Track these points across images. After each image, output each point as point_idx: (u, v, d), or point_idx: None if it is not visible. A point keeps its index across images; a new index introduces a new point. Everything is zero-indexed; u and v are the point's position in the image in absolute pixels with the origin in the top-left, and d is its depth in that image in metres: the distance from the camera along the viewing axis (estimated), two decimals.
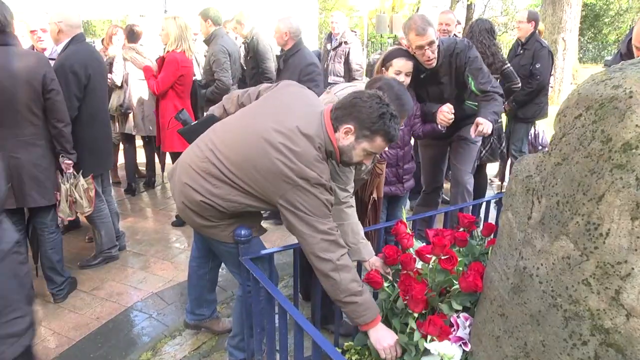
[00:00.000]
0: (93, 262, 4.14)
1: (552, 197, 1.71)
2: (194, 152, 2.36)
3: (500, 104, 3.26)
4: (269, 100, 2.36)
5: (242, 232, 2.27)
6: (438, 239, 2.06)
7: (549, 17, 11.49)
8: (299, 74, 4.30)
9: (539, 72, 5.10)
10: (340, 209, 2.50)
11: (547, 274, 1.72)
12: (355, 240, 2.52)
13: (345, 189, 2.54)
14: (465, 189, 3.73)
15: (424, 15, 3.34)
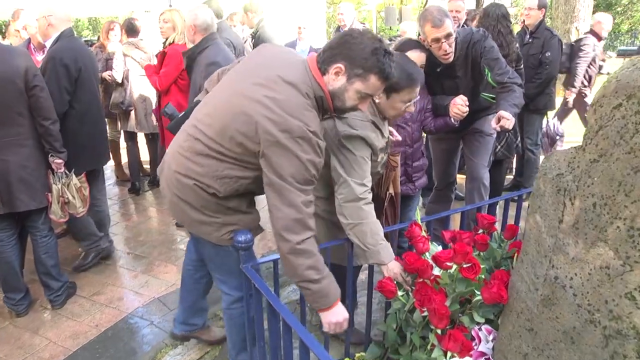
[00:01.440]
0: (85, 262, 3.97)
1: (587, 199, 1.51)
2: (179, 137, 2.20)
3: (520, 95, 3.05)
4: (245, 64, 2.17)
5: (242, 237, 2.08)
6: (459, 245, 1.87)
7: (562, 5, 11.19)
8: (202, 75, 3.69)
9: (548, 62, 4.88)
10: (357, 206, 2.29)
11: (583, 285, 1.53)
12: (374, 241, 2.27)
13: (362, 183, 2.31)
14: (482, 184, 3.52)
15: (440, 6, 3.13)
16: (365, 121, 2.36)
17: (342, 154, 2.32)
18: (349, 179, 2.29)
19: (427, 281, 2.02)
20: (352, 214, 2.28)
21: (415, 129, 3.10)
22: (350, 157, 2.31)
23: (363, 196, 2.30)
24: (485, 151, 3.53)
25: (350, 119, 2.32)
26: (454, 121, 3.08)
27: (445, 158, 3.76)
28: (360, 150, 2.31)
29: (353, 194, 2.28)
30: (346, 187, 2.29)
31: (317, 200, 2.50)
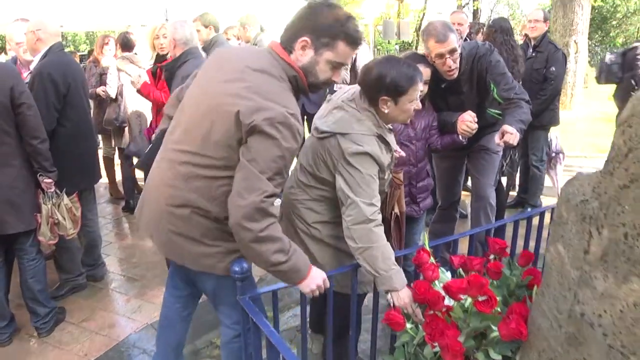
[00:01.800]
0: (58, 293, 3.77)
1: (617, 228, 1.38)
2: (159, 171, 2.05)
3: (527, 111, 2.93)
4: (207, 71, 2.05)
5: (237, 267, 1.92)
6: (474, 277, 1.73)
7: (560, 19, 11.14)
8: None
9: (553, 77, 4.75)
10: (367, 228, 2.14)
11: (614, 324, 1.39)
12: (386, 266, 2.12)
13: (371, 202, 2.17)
14: (488, 204, 3.39)
15: (445, 20, 3.03)
16: (371, 135, 2.22)
17: (348, 173, 2.17)
18: (357, 199, 2.14)
19: (438, 313, 1.87)
20: (361, 237, 2.14)
21: (419, 147, 2.97)
22: (357, 176, 2.16)
23: (373, 217, 2.16)
24: (492, 169, 3.40)
25: (354, 135, 2.19)
26: (461, 138, 2.95)
27: (449, 176, 3.63)
28: (368, 167, 2.17)
29: (362, 216, 2.14)
30: (354, 209, 2.15)
31: (322, 225, 2.37)
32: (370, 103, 2.27)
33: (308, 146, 2.41)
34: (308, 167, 2.36)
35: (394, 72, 2.21)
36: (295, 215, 2.43)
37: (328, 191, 2.31)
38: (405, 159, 2.88)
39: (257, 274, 4.10)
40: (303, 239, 2.41)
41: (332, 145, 2.21)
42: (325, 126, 2.26)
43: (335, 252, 2.40)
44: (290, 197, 2.46)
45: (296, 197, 2.41)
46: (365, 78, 2.28)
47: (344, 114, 2.26)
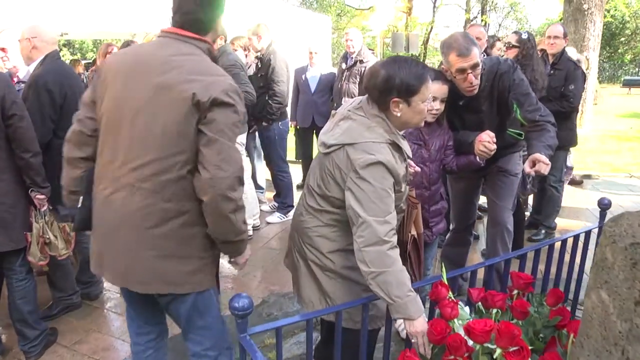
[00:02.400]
0: (50, 313, 3.59)
1: None
2: (114, 205, 1.95)
3: (554, 135, 2.73)
4: (115, 82, 1.96)
5: (238, 304, 1.72)
6: (505, 325, 1.54)
7: (571, 34, 10.92)
8: None
9: (572, 95, 4.55)
10: (381, 251, 1.92)
11: None
12: (402, 292, 1.91)
13: (385, 220, 1.94)
14: (505, 229, 3.19)
15: (467, 32, 2.83)
16: (383, 143, 2.01)
17: (358, 188, 1.95)
18: (369, 218, 1.92)
19: (459, 359, 1.68)
20: (374, 260, 1.92)
21: (433, 169, 2.78)
22: (369, 190, 1.94)
23: (387, 238, 1.94)
24: (510, 193, 3.20)
25: (364, 144, 1.98)
26: (479, 160, 2.77)
27: (465, 198, 3.44)
28: (381, 180, 1.95)
29: (375, 236, 1.92)
30: (366, 229, 1.93)
31: (337, 255, 2.16)
32: (380, 108, 2.07)
33: (315, 165, 2.21)
34: (317, 188, 2.16)
35: (402, 71, 2.03)
36: (306, 246, 2.22)
37: (340, 214, 2.10)
38: (418, 181, 2.70)
39: (259, 296, 3.93)
40: (314, 271, 2.21)
41: (341, 158, 2.01)
42: (333, 139, 2.06)
43: (350, 285, 2.18)
44: (300, 225, 2.25)
45: (307, 225, 2.21)
46: (372, 81, 2.07)
47: (352, 123, 2.06)
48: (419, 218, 2.44)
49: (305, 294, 2.25)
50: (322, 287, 2.18)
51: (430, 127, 2.77)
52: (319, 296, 2.20)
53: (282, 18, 10.14)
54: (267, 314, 3.65)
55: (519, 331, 1.55)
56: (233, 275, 4.17)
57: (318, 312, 2.05)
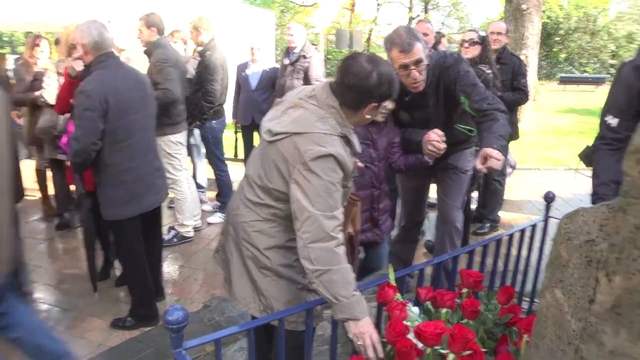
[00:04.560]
0: None
1: (633, 276, 1.14)
2: None
3: (505, 123, 2.66)
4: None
5: (172, 317, 1.56)
6: (459, 329, 1.46)
7: (511, 33, 11.18)
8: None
9: (524, 87, 4.72)
10: (328, 248, 1.82)
11: None
12: (347, 292, 1.82)
13: (333, 215, 1.85)
14: (454, 228, 3.15)
15: (410, 27, 2.73)
16: (335, 135, 1.91)
17: (306, 180, 1.84)
18: (316, 212, 1.82)
19: None
20: (320, 257, 1.81)
21: (382, 168, 2.70)
22: (317, 184, 1.83)
23: (334, 234, 1.85)
24: (460, 191, 3.16)
25: (315, 135, 1.86)
26: (427, 159, 2.70)
27: (415, 196, 3.38)
28: (330, 173, 1.85)
29: (322, 232, 1.82)
30: (312, 224, 1.82)
31: (274, 252, 2.04)
32: (354, 107, 1.96)
33: (256, 155, 2.09)
34: (257, 180, 2.03)
35: (391, 76, 1.94)
36: (243, 242, 2.10)
37: (281, 209, 1.99)
38: (367, 181, 2.62)
39: (200, 300, 3.77)
40: (249, 267, 2.09)
41: (288, 148, 1.89)
42: (280, 127, 1.93)
43: (286, 284, 2.08)
44: (236, 220, 2.13)
45: (244, 219, 2.08)
46: (361, 83, 1.91)
47: (303, 112, 1.94)
48: (357, 216, 2.36)
49: (238, 292, 2.14)
50: (257, 285, 2.08)
51: (378, 126, 2.69)
52: (253, 294, 2.10)
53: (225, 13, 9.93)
54: (209, 319, 3.49)
55: (472, 335, 1.48)
56: (173, 280, 3.98)
57: (259, 321, 1.92)
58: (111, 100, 3.03)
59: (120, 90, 3.10)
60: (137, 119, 3.20)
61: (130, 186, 3.19)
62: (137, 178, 3.22)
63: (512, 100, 4.66)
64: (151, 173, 3.33)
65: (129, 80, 3.23)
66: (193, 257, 4.55)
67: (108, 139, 3.07)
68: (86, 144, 3.00)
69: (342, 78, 1.94)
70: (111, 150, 3.11)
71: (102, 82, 3.06)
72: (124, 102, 3.12)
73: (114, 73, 3.16)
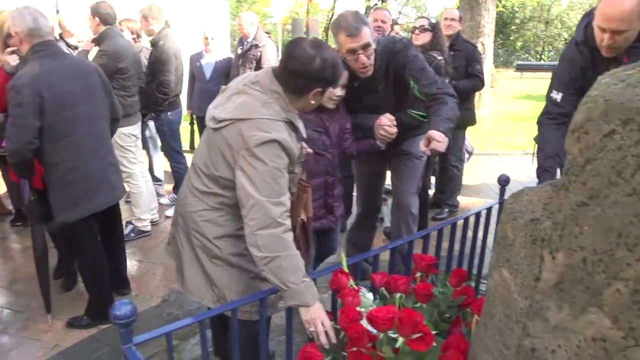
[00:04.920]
0: None
1: (575, 253, 1.16)
2: None
3: (454, 106, 2.67)
4: None
5: (120, 312, 1.52)
6: (407, 312, 1.46)
7: (468, 21, 11.37)
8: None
9: (479, 72, 4.77)
10: (275, 234, 1.82)
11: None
12: (297, 278, 1.83)
13: (280, 201, 1.85)
14: (410, 213, 3.17)
15: (357, 11, 2.72)
16: (279, 121, 1.90)
17: (251, 167, 1.83)
18: (262, 198, 1.81)
19: (363, 350, 1.60)
20: (267, 244, 1.82)
21: (335, 154, 2.69)
22: (263, 170, 1.83)
23: (282, 220, 1.85)
24: (414, 177, 3.17)
25: (259, 121, 1.85)
26: (380, 144, 2.70)
27: (370, 182, 3.37)
28: (275, 159, 1.85)
29: (269, 218, 1.82)
30: (259, 210, 1.82)
31: (223, 241, 2.02)
32: (298, 93, 1.95)
33: (202, 143, 2.07)
34: (204, 168, 2.01)
35: (335, 61, 1.94)
36: (193, 232, 2.08)
37: (228, 197, 1.97)
38: (322, 169, 2.61)
39: (159, 295, 3.70)
40: (200, 257, 2.07)
41: (232, 135, 1.87)
42: (225, 114, 1.92)
43: (238, 273, 2.07)
44: (184, 209, 2.10)
45: (192, 209, 2.06)
46: (304, 68, 1.90)
47: (247, 98, 1.93)
48: (308, 202, 2.35)
49: (191, 283, 2.13)
50: (209, 275, 2.06)
51: (329, 113, 2.67)
52: (205, 284, 2.09)
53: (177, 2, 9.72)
54: (167, 313, 3.43)
55: (421, 317, 1.48)
56: (131, 275, 3.89)
57: (212, 312, 1.90)
58: (46, 94, 2.79)
59: (57, 83, 2.86)
60: (80, 113, 2.96)
61: (80, 185, 2.99)
62: (86, 176, 3.01)
63: (468, 87, 4.71)
64: (103, 169, 3.13)
65: (68, 71, 2.97)
66: (151, 252, 4.46)
67: (47, 136, 2.83)
68: (20, 143, 2.75)
69: (285, 63, 1.93)
70: (53, 149, 2.89)
71: (34, 75, 2.80)
72: (62, 95, 2.87)
73: (50, 64, 2.90)
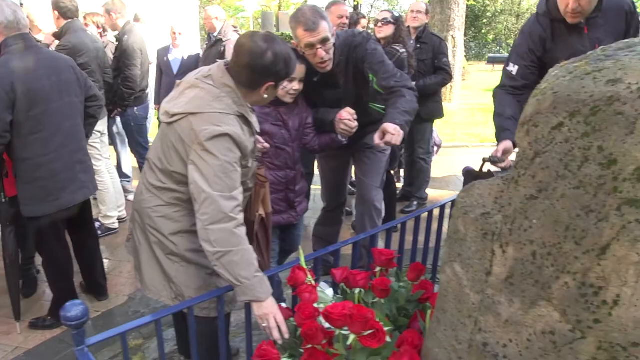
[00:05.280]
0: None
1: (524, 246, 1.16)
2: None
3: (412, 99, 2.64)
4: None
5: (72, 312, 1.48)
6: (358, 309, 1.44)
7: (438, 15, 11.48)
8: None
9: (448, 66, 4.76)
10: (227, 229, 1.80)
11: (521, 354, 1.19)
12: (249, 273, 1.81)
13: (232, 195, 1.82)
14: (373, 207, 3.14)
15: (315, 6, 2.68)
16: (231, 114, 1.88)
17: (202, 161, 1.80)
18: (214, 193, 1.79)
19: (318, 347, 1.58)
20: (219, 239, 1.80)
21: (296, 148, 2.66)
22: (214, 164, 1.80)
23: (234, 215, 1.82)
24: (377, 170, 3.14)
25: (210, 115, 1.83)
26: (341, 138, 2.68)
27: (335, 176, 3.35)
28: (227, 153, 1.83)
29: (221, 213, 1.80)
30: (211, 205, 1.80)
31: (179, 237, 2.00)
32: (250, 87, 1.93)
33: (157, 137, 2.03)
34: (157, 163, 1.98)
35: (287, 55, 1.93)
36: (149, 228, 2.05)
37: (183, 192, 1.94)
38: (282, 163, 2.58)
39: (125, 293, 3.63)
40: (157, 254, 2.05)
41: (184, 129, 1.84)
42: (177, 108, 1.89)
43: (195, 269, 2.05)
44: (140, 205, 2.07)
45: (148, 205, 2.03)
46: (255, 61, 1.88)
47: (199, 92, 1.90)
48: (267, 197, 2.33)
49: (149, 280, 2.10)
50: (166, 272, 2.04)
51: (288, 107, 2.64)
52: (163, 282, 2.07)
53: None
54: (133, 312, 3.37)
55: (372, 314, 1.46)
56: None
57: (168, 311, 1.86)
58: (19, 88, 2.72)
59: (31, 78, 2.78)
60: (51, 109, 2.88)
61: (46, 182, 2.91)
62: (54, 173, 2.93)
63: (436, 82, 4.70)
64: (71, 167, 3.04)
65: (42, 66, 2.89)
66: (118, 249, 4.38)
67: (17, 131, 2.76)
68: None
69: (236, 57, 1.92)
70: (21, 144, 2.80)
71: (8, 69, 2.73)
72: (34, 91, 2.80)
73: (25, 58, 2.82)
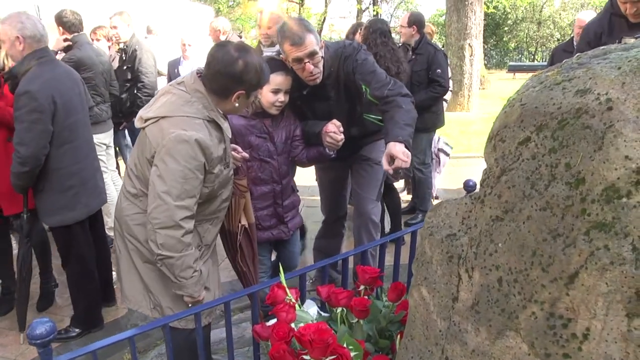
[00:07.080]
0: None
1: (490, 272, 1.07)
2: None
3: (410, 108, 2.54)
4: None
5: (38, 331, 1.42)
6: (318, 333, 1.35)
7: (454, 23, 11.40)
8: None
9: (441, 77, 4.60)
10: (175, 237, 1.86)
11: None
12: (186, 274, 1.94)
13: (183, 205, 1.86)
14: (370, 220, 3.05)
15: (301, 18, 2.62)
16: (200, 119, 1.89)
17: (164, 164, 1.82)
18: (168, 198, 1.83)
19: None
20: (166, 244, 1.87)
21: (282, 162, 2.59)
22: (174, 168, 1.82)
23: (183, 223, 1.87)
24: (374, 183, 3.04)
25: (179, 119, 1.84)
26: (328, 151, 2.60)
27: (333, 189, 3.26)
28: (189, 159, 1.83)
29: (170, 220, 1.84)
30: (164, 212, 1.84)
31: None
32: (221, 95, 1.95)
33: (135, 144, 2.07)
34: (134, 168, 2.01)
35: (258, 65, 1.94)
36: (127, 235, 2.06)
37: None
38: (268, 177, 2.52)
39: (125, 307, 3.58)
40: (135, 262, 2.06)
41: (154, 132, 1.86)
42: (150, 113, 1.91)
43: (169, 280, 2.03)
44: (120, 213, 2.09)
45: (126, 213, 2.05)
46: (226, 69, 1.90)
47: (171, 97, 1.93)
48: (248, 207, 2.30)
49: (128, 289, 2.12)
50: (144, 280, 2.06)
51: (274, 119, 2.58)
52: (143, 291, 2.09)
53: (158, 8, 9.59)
54: (131, 325, 3.33)
55: (333, 338, 1.37)
56: None
57: (144, 328, 1.80)
58: (58, 100, 2.79)
59: (63, 90, 2.87)
60: (79, 120, 2.98)
61: (78, 190, 2.98)
62: (83, 181, 3.02)
63: (427, 98, 4.52)
64: (93, 174, 3.15)
65: (68, 79, 2.99)
66: None
67: (54, 142, 2.82)
68: (38, 148, 2.72)
69: (208, 65, 1.94)
70: (57, 154, 2.86)
71: (46, 81, 2.79)
72: (68, 102, 2.90)
73: (52, 71, 2.89)
